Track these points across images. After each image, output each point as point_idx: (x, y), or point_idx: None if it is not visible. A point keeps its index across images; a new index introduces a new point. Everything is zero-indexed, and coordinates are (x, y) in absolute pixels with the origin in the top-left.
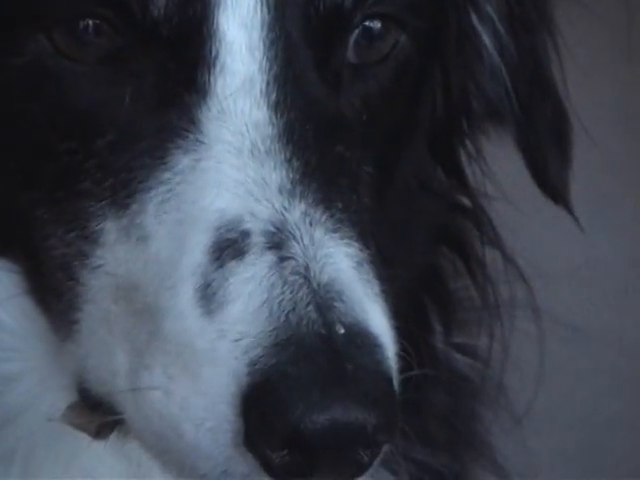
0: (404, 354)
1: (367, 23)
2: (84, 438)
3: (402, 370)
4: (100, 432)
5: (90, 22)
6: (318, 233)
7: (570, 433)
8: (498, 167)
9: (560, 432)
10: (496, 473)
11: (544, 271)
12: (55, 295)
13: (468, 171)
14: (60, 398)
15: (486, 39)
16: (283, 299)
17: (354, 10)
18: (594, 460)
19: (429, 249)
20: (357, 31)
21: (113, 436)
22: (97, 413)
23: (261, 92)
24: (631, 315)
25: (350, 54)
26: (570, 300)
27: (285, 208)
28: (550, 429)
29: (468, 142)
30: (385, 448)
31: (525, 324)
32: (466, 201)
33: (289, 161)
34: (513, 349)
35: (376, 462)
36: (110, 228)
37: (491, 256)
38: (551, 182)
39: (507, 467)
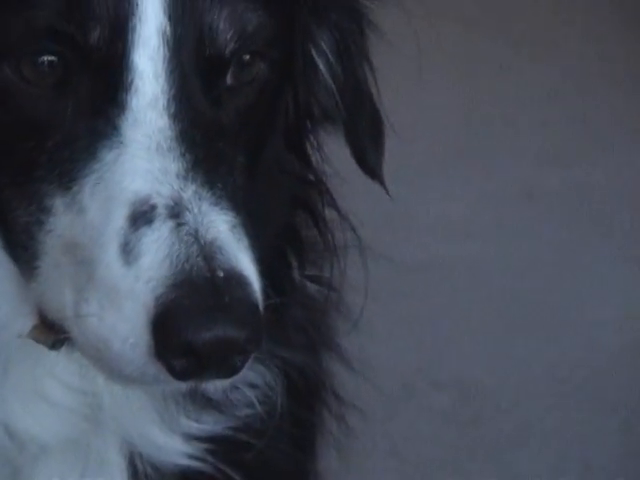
0: (268, 288)
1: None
2: (44, 348)
3: (267, 298)
4: (55, 345)
5: (46, 59)
6: (204, 206)
7: (400, 332)
8: (333, 154)
9: (392, 333)
10: (343, 364)
11: (367, 221)
12: (21, 249)
13: (313, 157)
14: (27, 321)
15: (322, 66)
16: (180, 253)
17: (231, 56)
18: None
19: (287, 212)
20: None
21: (64, 347)
22: (53, 331)
23: (163, 107)
24: (444, 249)
25: (228, 79)
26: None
27: (181, 188)
28: (383, 332)
29: (312, 137)
30: (253, 355)
31: (355, 259)
32: (312, 177)
33: (183, 155)
34: (348, 276)
35: (247, 365)
36: (58, 203)
37: (330, 214)
38: (369, 165)
39: (350, 360)
